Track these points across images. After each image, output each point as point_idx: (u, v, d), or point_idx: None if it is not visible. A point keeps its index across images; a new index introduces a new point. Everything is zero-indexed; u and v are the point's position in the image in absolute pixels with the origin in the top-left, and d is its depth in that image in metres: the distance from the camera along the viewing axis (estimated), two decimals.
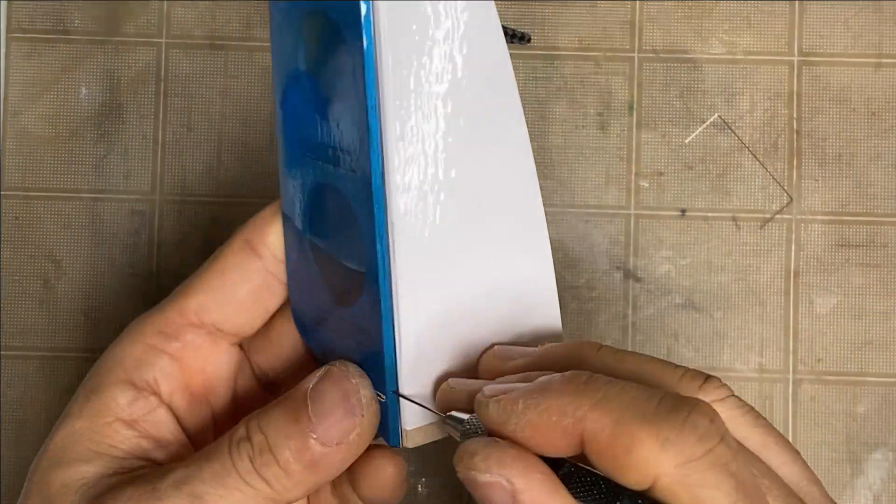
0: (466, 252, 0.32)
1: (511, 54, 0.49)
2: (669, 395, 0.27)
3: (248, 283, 0.35)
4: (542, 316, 0.34)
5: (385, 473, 0.35)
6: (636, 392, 0.27)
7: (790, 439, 0.47)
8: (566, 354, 0.31)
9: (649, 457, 0.26)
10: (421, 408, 0.32)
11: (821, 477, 0.48)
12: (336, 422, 0.31)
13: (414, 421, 0.32)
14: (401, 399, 0.31)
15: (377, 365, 0.32)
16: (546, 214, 0.49)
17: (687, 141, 0.49)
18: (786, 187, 0.48)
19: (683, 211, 0.48)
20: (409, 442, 0.32)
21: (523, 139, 0.33)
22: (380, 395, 0.32)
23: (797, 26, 0.49)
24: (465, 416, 0.30)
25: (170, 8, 0.49)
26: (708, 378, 0.30)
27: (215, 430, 0.37)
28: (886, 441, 0.47)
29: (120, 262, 0.48)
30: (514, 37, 0.49)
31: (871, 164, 0.48)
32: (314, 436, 0.30)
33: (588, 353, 0.31)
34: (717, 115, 0.49)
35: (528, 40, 0.49)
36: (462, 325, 0.32)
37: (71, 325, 0.48)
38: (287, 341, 0.37)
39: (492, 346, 0.33)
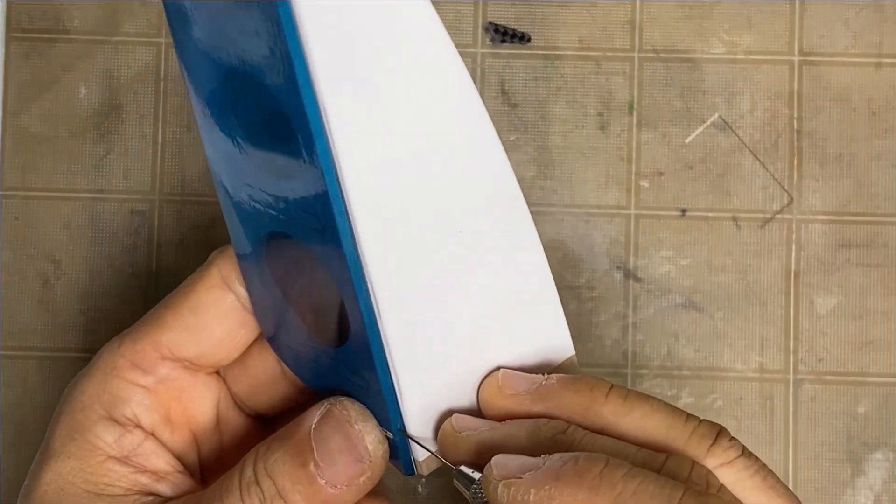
0: (454, 278, 0.30)
1: (511, 54, 0.49)
2: (689, 496, 0.27)
3: (224, 323, 0.35)
4: (549, 334, 0.32)
5: None
6: (654, 489, 0.27)
7: (790, 440, 0.47)
8: (574, 398, 0.30)
9: None
10: (433, 434, 0.31)
11: (821, 477, 0.48)
12: (344, 468, 0.30)
13: (426, 451, 0.31)
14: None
15: (379, 405, 0.31)
16: (546, 214, 0.49)
17: (687, 141, 0.49)
18: (786, 187, 0.48)
19: (684, 211, 0.48)
20: (424, 469, 0.32)
21: (494, 146, 0.30)
22: (387, 433, 0.31)
23: (798, 26, 0.49)
24: (475, 476, 0.29)
25: None
26: (718, 437, 0.30)
27: (201, 458, 0.36)
28: (887, 441, 0.47)
29: (120, 261, 0.48)
30: (514, 37, 0.49)
31: (871, 164, 0.48)
32: (322, 480, 0.30)
33: (597, 398, 0.30)
34: (717, 114, 0.49)
35: (528, 40, 0.49)
36: (464, 352, 0.31)
37: (70, 325, 0.48)
38: (263, 370, 0.37)
39: (496, 369, 0.32)
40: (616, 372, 0.47)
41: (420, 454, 0.31)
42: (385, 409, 0.30)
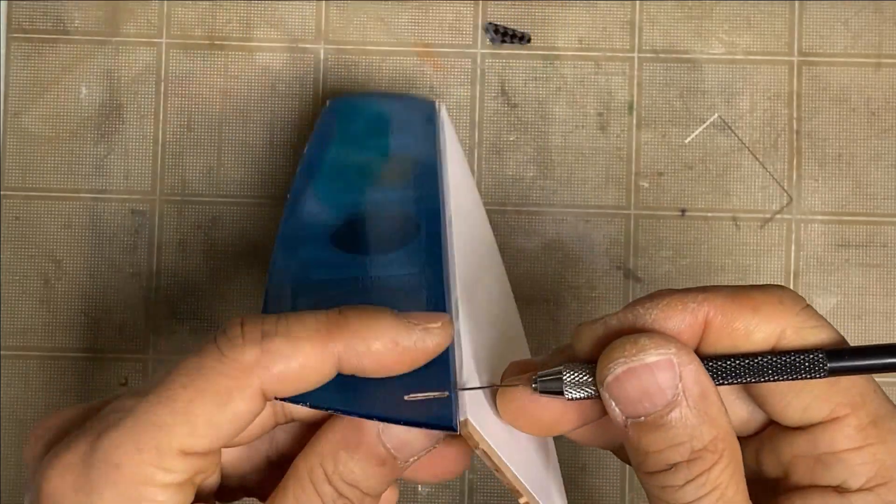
0: (485, 303, 0.39)
1: (511, 54, 0.49)
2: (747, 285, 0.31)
3: (258, 426, 0.32)
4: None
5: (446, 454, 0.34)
6: (726, 285, 0.31)
7: None
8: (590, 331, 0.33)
9: (773, 313, 0.30)
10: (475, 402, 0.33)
11: None
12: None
13: (467, 413, 0.32)
14: (461, 396, 0.32)
15: (440, 371, 0.32)
16: (546, 214, 0.49)
17: (687, 141, 0.49)
18: (785, 187, 0.48)
19: (683, 211, 0.48)
20: (464, 429, 0.32)
21: (494, 246, 0.45)
22: (443, 392, 0.32)
23: (797, 26, 0.49)
24: (558, 368, 0.31)
25: (170, 8, 0.49)
26: None
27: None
28: None
29: (120, 261, 0.48)
30: (514, 37, 0.49)
31: (870, 164, 0.48)
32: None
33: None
34: (716, 115, 0.49)
35: (528, 40, 0.49)
36: (492, 350, 0.36)
37: (71, 325, 0.48)
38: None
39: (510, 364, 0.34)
40: None
41: (465, 414, 0.32)
42: (448, 365, 0.32)
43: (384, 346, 0.30)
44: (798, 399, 0.31)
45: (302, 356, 0.30)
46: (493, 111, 0.49)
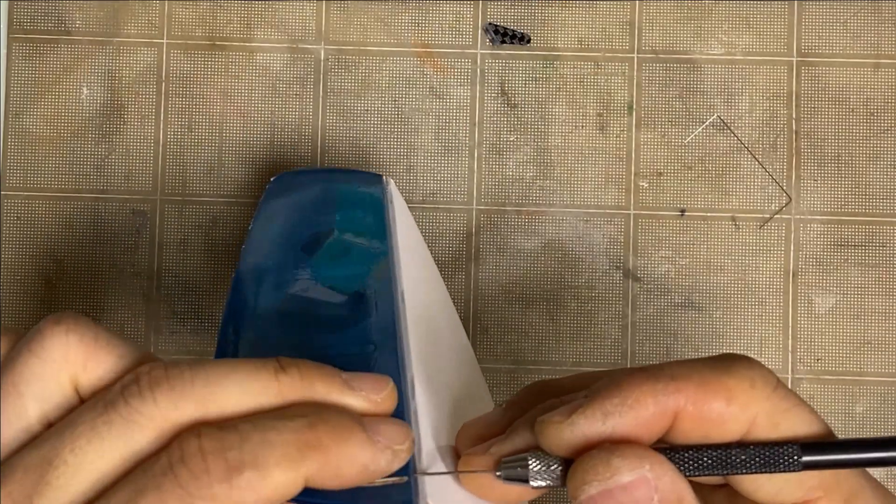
0: (439, 363, 0.39)
1: (511, 54, 0.49)
2: (712, 357, 0.30)
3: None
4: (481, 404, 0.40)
5: None
6: (690, 361, 0.30)
7: None
8: (525, 396, 0.33)
9: (746, 400, 0.29)
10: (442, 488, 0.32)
11: None
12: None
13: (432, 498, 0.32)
14: (420, 480, 0.32)
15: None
16: (546, 214, 0.49)
17: (686, 141, 0.49)
18: (785, 187, 0.49)
19: (683, 211, 0.48)
20: None
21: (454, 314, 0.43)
22: (401, 478, 0.31)
23: (796, 27, 0.49)
24: (524, 456, 0.30)
25: (171, 8, 0.49)
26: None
27: None
28: None
29: (121, 262, 0.49)
30: (514, 37, 0.49)
31: (869, 164, 0.48)
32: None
33: (546, 384, 0.33)
34: (716, 115, 0.49)
35: (528, 40, 0.49)
36: (454, 424, 0.36)
37: None
38: None
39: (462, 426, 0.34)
40: None
41: (425, 502, 0.32)
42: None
43: (354, 472, 0.29)
44: (770, 483, 0.30)
45: (272, 486, 0.28)
46: (493, 111, 0.49)
